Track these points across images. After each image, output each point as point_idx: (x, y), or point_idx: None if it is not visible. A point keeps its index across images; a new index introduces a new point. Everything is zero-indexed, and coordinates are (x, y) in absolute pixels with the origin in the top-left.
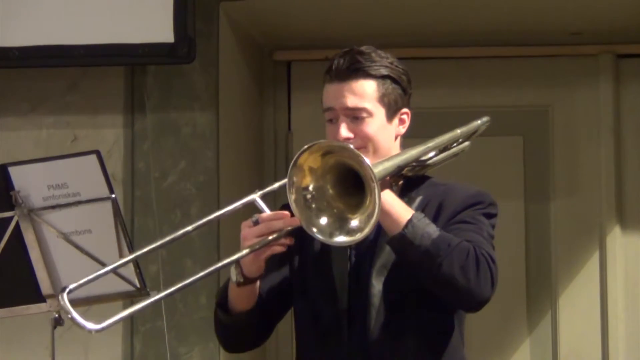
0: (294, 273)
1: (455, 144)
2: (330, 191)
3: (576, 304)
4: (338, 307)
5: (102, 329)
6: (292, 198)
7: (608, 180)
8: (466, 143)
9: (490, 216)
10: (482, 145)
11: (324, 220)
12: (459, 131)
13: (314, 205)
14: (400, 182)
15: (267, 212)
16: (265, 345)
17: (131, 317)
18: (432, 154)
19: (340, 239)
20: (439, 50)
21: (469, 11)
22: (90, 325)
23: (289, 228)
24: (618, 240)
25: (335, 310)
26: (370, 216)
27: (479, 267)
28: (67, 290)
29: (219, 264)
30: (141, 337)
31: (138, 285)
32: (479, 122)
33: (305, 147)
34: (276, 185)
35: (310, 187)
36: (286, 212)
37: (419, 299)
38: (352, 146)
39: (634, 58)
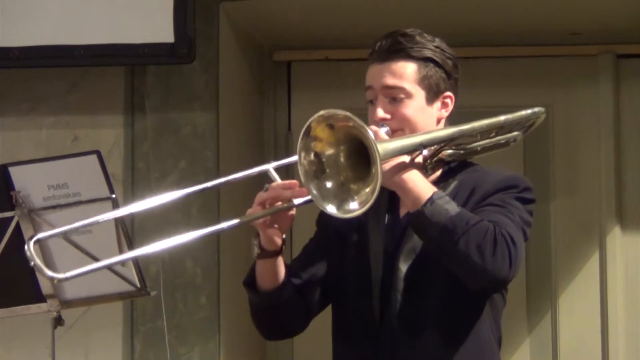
0: (331, 268)
1: (501, 133)
2: (343, 160)
3: (576, 304)
4: (372, 290)
5: (66, 279)
6: (302, 160)
7: (608, 180)
8: (515, 133)
9: (525, 201)
10: None
11: (328, 184)
12: (502, 118)
13: (327, 170)
14: (440, 168)
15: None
16: (265, 344)
17: (131, 317)
18: (474, 140)
19: (331, 208)
20: None
21: (469, 11)
22: (55, 274)
23: (300, 200)
24: (618, 240)
25: (369, 294)
26: (370, 193)
27: (496, 246)
28: (35, 239)
29: (213, 228)
30: (141, 337)
31: (138, 285)
32: (529, 111)
33: (314, 116)
34: (293, 158)
35: (326, 153)
36: (295, 182)
37: (445, 284)
38: (356, 118)
39: (634, 58)
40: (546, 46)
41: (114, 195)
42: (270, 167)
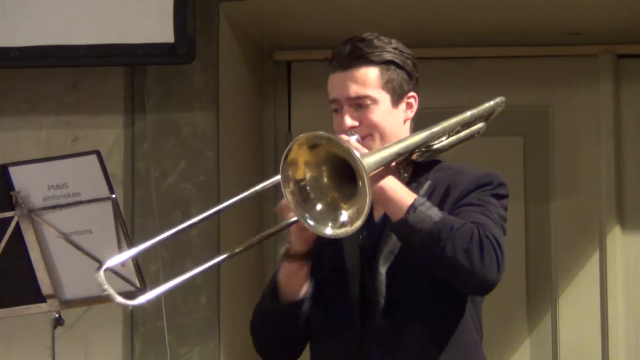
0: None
1: (467, 127)
2: (326, 181)
3: (576, 304)
4: (352, 293)
5: (141, 304)
6: (287, 190)
7: (608, 180)
8: (480, 124)
9: (500, 197)
10: (482, 145)
11: (318, 208)
12: (468, 114)
13: (312, 195)
14: (410, 169)
15: None
16: None
17: (131, 317)
18: (442, 138)
19: (328, 230)
20: (439, 50)
21: (469, 11)
22: (129, 301)
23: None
24: (618, 240)
25: (350, 296)
26: (360, 210)
27: (482, 249)
28: (104, 267)
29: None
30: (141, 337)
31: (138, 285)
32: (492, 103)
33: (294, 140)
34: (276, 178)
35: (307, 177)
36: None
37: (425, 285)
38: (338, 137)
39: (634, 58)
40: (546, 46)
41: (114, 196)
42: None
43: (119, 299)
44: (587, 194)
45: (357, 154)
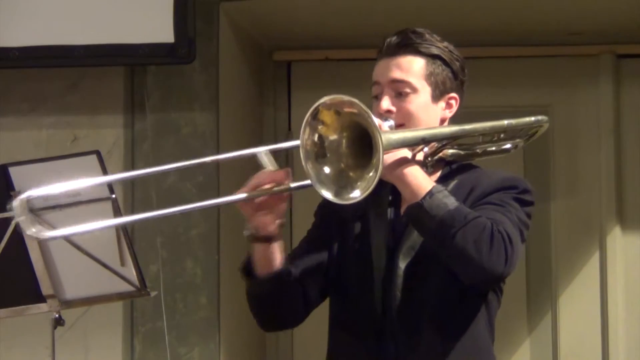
0: (332, 259)
1: (503, 137)
2: (344, 148)
3: (576, 304)
4: (374, 285)
5: (53, 238)
6: (306, 139)
7: (608, 180)
8: (517, 140)
9: (524, 203)
10: None
11: (326, 170)
12: (505, 122)
13: (327, 155)
14: (441, 168)
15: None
16: (265, 343)
17: (131, 317)
18: (476, 141)
19: (328, 194)
20: None
21: (469, 11)
22: (41, 233)
23: (288, 186)
24: (618, 240)
25: (372, 288)
26: (368, 183)
27: (492, 242)
28: (24, 196)
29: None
30: (141, 337)
31: (138, 285)
32: (532, 118)
33: (322, 99)
34: (290, 143)
35: (328, 138)
36: (281, 172)
37: (442, 282)
38: (361, 103)
39: (634, 58)
40: (546, 46)
41: (114, 196)
42: (262, 150)
43: (32, 230)
44: (587, 194)
45: (376, 120)
